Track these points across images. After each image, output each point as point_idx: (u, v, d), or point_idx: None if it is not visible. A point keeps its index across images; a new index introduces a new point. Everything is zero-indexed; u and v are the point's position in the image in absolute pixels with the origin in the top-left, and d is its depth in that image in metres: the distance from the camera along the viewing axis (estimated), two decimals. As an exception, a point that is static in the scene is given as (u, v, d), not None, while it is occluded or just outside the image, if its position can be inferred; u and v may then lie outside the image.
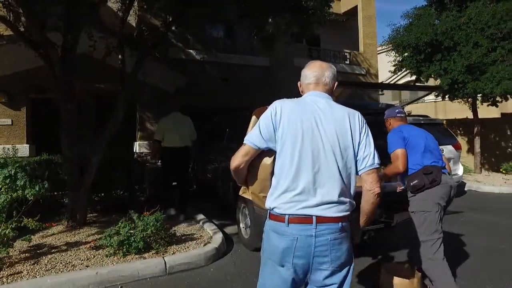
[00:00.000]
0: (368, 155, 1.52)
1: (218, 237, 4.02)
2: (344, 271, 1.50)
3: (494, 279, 3.13)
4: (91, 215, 5.06)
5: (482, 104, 9.57)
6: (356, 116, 1.56)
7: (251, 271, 3.40)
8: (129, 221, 3.73)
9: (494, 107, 9.38)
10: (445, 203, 2.66)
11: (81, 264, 3.26)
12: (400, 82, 15.40)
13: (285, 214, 1.43)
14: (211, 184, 5.94)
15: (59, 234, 4.18)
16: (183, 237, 4.08)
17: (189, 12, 4.13)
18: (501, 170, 9.70)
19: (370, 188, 1.52)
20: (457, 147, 6.87)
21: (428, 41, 8.33)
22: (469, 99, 9.42)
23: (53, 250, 3.60)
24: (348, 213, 1.49)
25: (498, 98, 9.04)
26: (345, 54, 10.85)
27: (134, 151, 7.47)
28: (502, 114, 14.65)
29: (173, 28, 5.07)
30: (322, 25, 5.67)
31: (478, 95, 8.87)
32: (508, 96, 8.51)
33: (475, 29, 8.04)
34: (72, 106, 4.00)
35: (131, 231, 3.55)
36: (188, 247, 3.75)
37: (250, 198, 1.72)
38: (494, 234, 4.47)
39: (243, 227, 4.22)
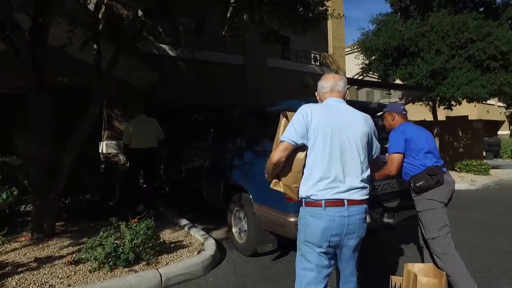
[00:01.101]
0: (376, 147, 2.00)
1: (211, 244, 3.75)
2: (359, 243, 1.84)
3: (484, 272, 3.26)
4: (58, 224, 4.48)
5: (439, 107, 10.29)
6: (370, 118, 1.93)
7: (253, 278, 3.20)
8: (112, 229, 3.33)
9: (443, 110, 10.14)
10: (448, 201, 2.72)
11: (61, 283, 2.81)
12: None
13: (321, 200, 1.70)
14: (192, 186, 5.60)
15: (22, 248, 3.59)
16: (172, 245, 3.74)
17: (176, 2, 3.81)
18: (455, 168, 10.48)
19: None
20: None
21: (396, 46, 8.73)
22: (430, 102, 10.06)
23: (20, 269, 3.06)
24: (368, 196, 1.80)
25: (453, 102, 9.78)
26: (316, 55, 11.02)
27: (100, 151, 6.83)
28: (447, 117, 15.98)
29: (150, 19, 4.64)
30: (319, 23, 5.63)
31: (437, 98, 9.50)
32: (463, 100, 9.22)
33: (437, 37, 8.58)
34: (42, 99, 3.46)
35: (116, 242, 3.15)
36: (181, 256, 3.44)
37: (282, 190, 1.92)
38: (471, 229, 4.72)
39: (236, 232, 3.99)
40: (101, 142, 6.88)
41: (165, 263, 3.24)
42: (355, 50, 12.36)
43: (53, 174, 3.90)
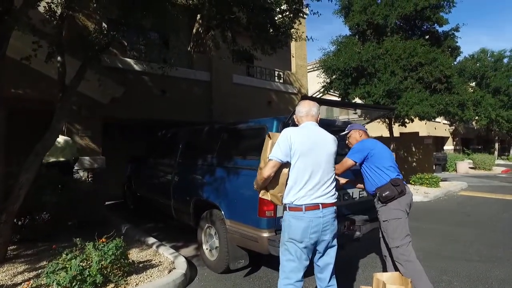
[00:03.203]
0: None
1: (182, 262, 3.67)
2: (335, 239, 2.29)
3: (439, 277, 3.53)
4: (9, 248, 4.13)
5: (394, 124, 11.05)
6: (336, 139, 2.37)
7: (226, 296, 3.18)
8: (76, 251, 3.15)
9: (397, 126, 10.96)
10: (409, 209, 2.96)
11: (20, 311, 2.60)
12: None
13: (302, 205, 2.12)
14: (159, 204, 5.45)
15: (-32, 278, 3.27)
16: (140, 265, 3.61)
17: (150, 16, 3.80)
18: (410, 181, 11.21)
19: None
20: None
21: (355, 67, 9.32)
22: (386, 120, 10.77)
23: (-32, 300, 2.80)
24: (337, 200, 2.27)
25: (406, 120, 10.56)
26: (279, 73, 11.37)
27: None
28: (400, 133, 17.08)
29: (116, 31, 4.57)
30: (287, 44, 5.87)
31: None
32: (415, 118, 10.00)
33: (391, 60, 9.30)
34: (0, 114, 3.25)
35: (82, 264, 2.99)
36: (151, 276, 3.33)
37: (269, 199, 2.30)
38: (426, 238, 5.08)
39: (207, 249, 3.94)
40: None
41: (135, 284, 3.12)
42: (315, 69, 12.96)
43: (7, 194, 3.63)
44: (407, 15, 9.79)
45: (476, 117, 20.49)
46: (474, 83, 22.17)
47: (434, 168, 14.73)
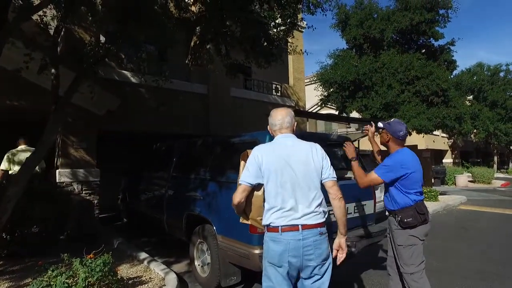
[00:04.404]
0: (328, 172, 2.07)
1: (173, 278, 3.58)
2: (325, 266, 1.99)
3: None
4: (-4, 263, 4.04)
5: (392, 137, 11.03)
6: (317, 147, 2.11)
7: (216, 315, 3.08)
8: (63, 267, 3.05)
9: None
10: (425, 238, 2.76)
11: (0, 331, 2.50)
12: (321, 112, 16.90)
13: (278, 226, 1.93)
14: (152, 218, 5.36)
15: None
16: (130, 281, 3.52)
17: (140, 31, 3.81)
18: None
19: (335, 196, 2.04)
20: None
21: (352, 80, 9.37)
22: (383, 133, 10.76)
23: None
24: (323, 220, 2.00)
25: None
26: (277, 86, 11.40)
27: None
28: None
29: (113, 44, 4.58)
30: (282, 57, 5.91)
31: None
32: (413, 131, 9.99)
33: (388, 73, 9.37)
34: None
35: (67, 281, 2.89)
36: (139, 294, 3.23)
37: (249, 223, 2.18)
38: (424, 253, 4.95)
39: (199, 265, 3.84)
40: (53, 170, 6.41)
41: (121, 302, 3.01)
42: (313, 82, 13.04)
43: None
44: (403, 29, 9.92)
45: (475, 130, 20.54)
46: (471, 97, 22.32)
47: (432, 181, 14.62)
